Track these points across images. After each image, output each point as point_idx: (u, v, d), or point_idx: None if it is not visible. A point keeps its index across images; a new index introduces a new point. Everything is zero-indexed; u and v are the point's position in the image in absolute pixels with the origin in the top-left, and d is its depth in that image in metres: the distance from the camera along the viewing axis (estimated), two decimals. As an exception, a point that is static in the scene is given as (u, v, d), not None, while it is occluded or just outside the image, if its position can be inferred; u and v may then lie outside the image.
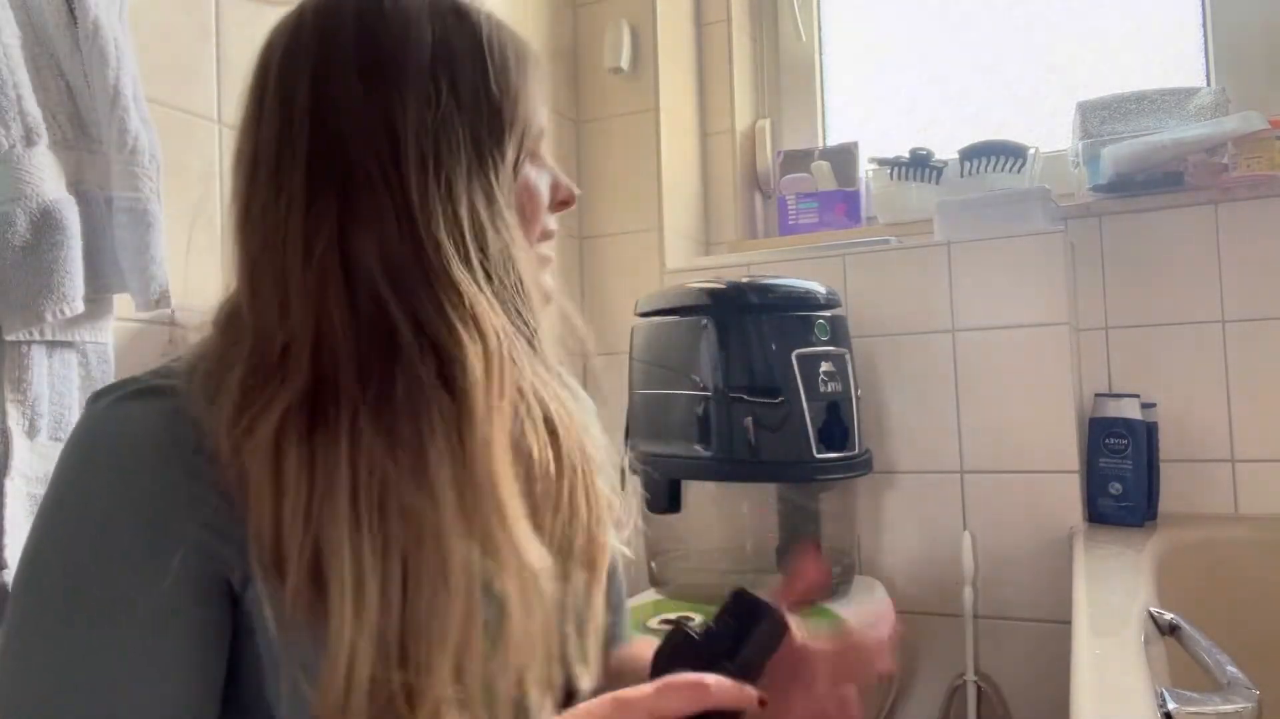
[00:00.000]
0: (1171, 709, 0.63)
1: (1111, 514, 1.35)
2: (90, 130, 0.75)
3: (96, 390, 0.51)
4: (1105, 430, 1.37)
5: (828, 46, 1.94)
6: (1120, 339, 1.50)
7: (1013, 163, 1.60)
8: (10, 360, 0.69)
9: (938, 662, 1.44)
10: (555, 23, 1.68)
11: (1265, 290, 1.42)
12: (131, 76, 0.76)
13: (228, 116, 0.97)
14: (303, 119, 0.51)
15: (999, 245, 1.41)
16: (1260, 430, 1.41)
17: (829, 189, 1.79)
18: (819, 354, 1.26)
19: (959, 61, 1.81)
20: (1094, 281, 1.52)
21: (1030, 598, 1.38)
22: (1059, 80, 1.72)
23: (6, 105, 0.67)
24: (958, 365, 1.44)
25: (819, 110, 1.93)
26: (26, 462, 0.69)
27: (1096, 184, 1.50)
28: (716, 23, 1.86)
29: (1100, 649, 0.79)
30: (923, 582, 1.45)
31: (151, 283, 0.76)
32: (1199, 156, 1.42)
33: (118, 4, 0.77)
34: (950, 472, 1.43)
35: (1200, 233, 1.46)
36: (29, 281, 0.67)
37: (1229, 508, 1.42)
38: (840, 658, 0.59)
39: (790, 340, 1.24)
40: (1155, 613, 0.90)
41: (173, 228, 0.85)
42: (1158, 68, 1.65)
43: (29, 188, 0.67)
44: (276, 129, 0.52)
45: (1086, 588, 1.01)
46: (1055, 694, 1.37)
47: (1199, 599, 1.15)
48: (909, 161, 1.67)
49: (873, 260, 1.51)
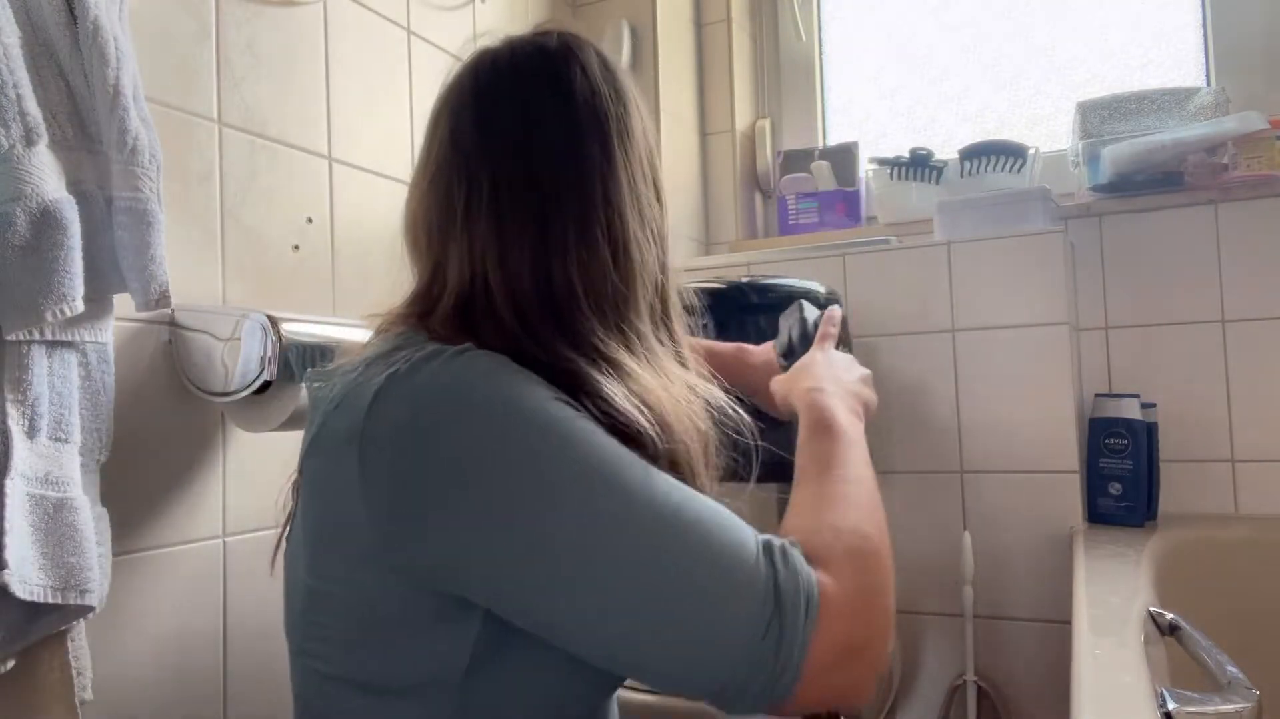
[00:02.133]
0: (1171, 709, 0.63)
1: (1111, 514, 1.35)
2: (90, 130, 0.75)
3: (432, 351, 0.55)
4: (1105, 430, 1.37)
5: (828, 46, 1.94)
6: (1120, 339, 1.50)
7: (1013, 163, 1.60)
8: (10, 360, 0.69)
9: (938, 662, 1.44)
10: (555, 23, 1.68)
11: (1265, 290, 1.42)
12: (131, 76, 0.76)
13: (228, 116, 0.97)
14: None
15: (999, 245, 1.41)
16: (1260, 430, 1.41)
17: (829, 189, 1.79)
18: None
19: (959, 61, 1.81)
20: (1094, 281, 1.52)
21: (1030, 598, 1.38)
22: (1059, 80, 1.72)
23: (6, 105, 0.67)
24: (958, 365, 1.44)
25: (819, 110, 1.93)
26: (26, 461, 0.69)
27: (1096, 184, 1.50)
28: (716, 23, 1.86)
29: (1100, 649, 0.79)
30: (923, 582, 1.45)
31: (151, 283, 0.76)
32: (1199, 156, 1.42)
33: (118, 4, 0.77)
34: (950, 471, 1.43)
35: (1200, 233, 1.46)
36: (29, 281, 0.67)
37: (1229, 508, 1.43)
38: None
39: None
40: (1155, 613, 0.90)
41: (173, 228, 0.85)
42: (1158, 68, 1.65)
43: (29, 188, 0.67)
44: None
45: (1086, 588, 1.01)
46: (1055, 694, 1.37)
47: (1199, 599, 1.15)
48: (909, 161, 1.67)
49: (873, 260, 1.51)
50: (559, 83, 0.63)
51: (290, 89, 1.06)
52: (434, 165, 0.64)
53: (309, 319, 0.89)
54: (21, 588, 0.66)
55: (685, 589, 0.49)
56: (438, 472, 0.51)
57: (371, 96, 1.19)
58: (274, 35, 1.04)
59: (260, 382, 0.84)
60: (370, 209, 1.17)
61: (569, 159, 0.61)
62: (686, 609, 0.49)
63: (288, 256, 1.04)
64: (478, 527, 0.50)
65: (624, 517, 0.50)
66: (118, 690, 0.83)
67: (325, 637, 0.58)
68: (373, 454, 0.52)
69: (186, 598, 0.90)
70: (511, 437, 0.51)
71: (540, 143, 0.62)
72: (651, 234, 0.65)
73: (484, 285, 0.60)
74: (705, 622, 0.48)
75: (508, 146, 0.62)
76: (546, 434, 0.51)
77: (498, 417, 0.51)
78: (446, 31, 1.35)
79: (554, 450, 0.51)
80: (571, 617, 0.50)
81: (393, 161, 1.22)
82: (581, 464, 0.51)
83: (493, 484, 0.50)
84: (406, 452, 0.51)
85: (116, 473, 0.81)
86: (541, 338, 0.58)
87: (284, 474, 1.01)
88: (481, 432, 0.51)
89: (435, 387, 0.52)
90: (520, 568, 0.50)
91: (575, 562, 0.49)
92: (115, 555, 0.79)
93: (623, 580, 0.49)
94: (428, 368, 0.53)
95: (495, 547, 0.50)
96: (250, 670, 0.97)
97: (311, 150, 1.08)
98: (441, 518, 0.51)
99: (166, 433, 0.89)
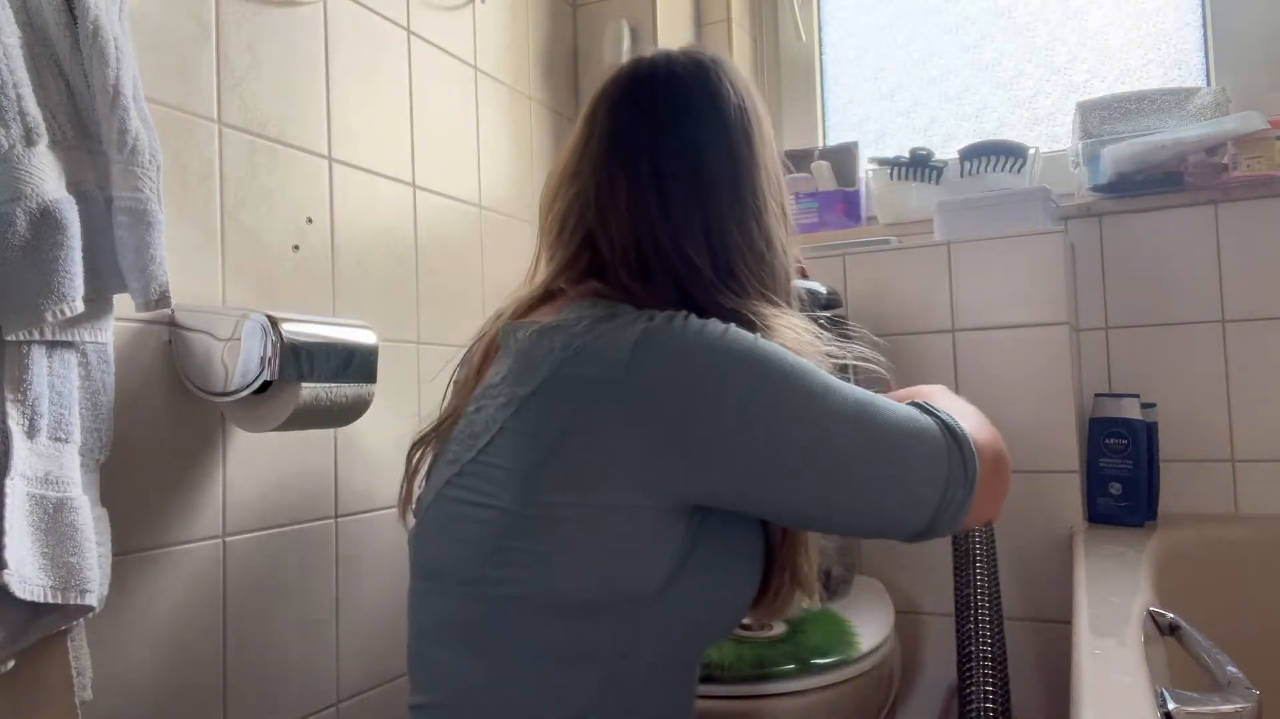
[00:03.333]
0: (1171, 709, 0.63)
1: (1111, 514, 1.35)
2: (90, 130, 0.75)
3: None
4: (1105, 430, 1.37)
5: (828, 46, 1.94)
6: (1120, 339, 1.50)
7: (1013, 163, 1.60)
8: (10, 360, 0.69)
9: (938, 662, 1.44)
10: (555, 23, 1.68)
11: (1265, 290, 1.42)
12: (131, 76, 0.76)
13: (228, 116, 0.97)
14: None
15: (999, 245, 1.41)
16: (1260, 430, 1.41)
17: (829, 189, 1.79)
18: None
19: (959, 61, 1.81)
20: (1094, 281, 1.52)
21: (1030, 598, 1.38)
22: (1059, 80, 1.72)
23: (6, 105, 0.67)
24: (958, 365, 1.44)
25: (819, 110, 1.93)
26: (26, 461, 0.69)
27: (1096, 184, 1.50)
28: (716, 23, 1.86)
29: (1100, 649, 0.79)
30: (923, 582, 1.45)
31: (151, 283, 0.76)
32: (1199, 156, 1.42)
33: (118, 4, 0.77)
34: (950, 472, 1.43)
35: (1200, 233, 1.46)
36: (29, 282, 0.67)
37: (1229, 508, 1.43)
38: None
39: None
40: (1155, 613, 0.90)
41: (173, 228, 0.85)
42: (1158, 68, 1.65)
43: (29, 188, 0.67)
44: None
45: (1086, 588, 1.01)
46: (1055, 694, 1.37)
47: (1199, 599, 1.15)
48: (909, 161, 1.67)
49: (873, 260, 1.51)
50: (714, 89, 0.74)
51: (290, 89, 1.06)
52: (590, 153, 0.74)
53: (309, 319, 0.89)
54: (21, 588, 0.66)
55: (897, 446, 0.65)
56: (704, 410, 0.62)
57: (371, 96, 1.19)
58: (274, 35, 1.04)
59: (260, 382, 0.84)
60: (370, 209, 1.17)
61: (724, 154, 0.73)
62: (902, 455, 0.65)
63: (288, 257, 1.04)
64: (745, 437, 0.62)
65: (842, 414, 0.64)
66: (118, 690, 0.83)
67: (525, 562, 0.64)
68: (643, 397, 0.62)
69: (186, 598, 0.90)
70: (755, 378, 0.63)
71: (699, 137, 0.73)
72: (786, 228, 0.77)
73: (654, 246, 0.71)
74: (918, 457, 0.66)
75: (668, 138, 0.72)
76: (783, 374, 0.64)
77: (744, 363, 0.63)
78: (446, 31, 1.35)
79: (789, 383, 0.64)
80: (816, 491, 0.64)
81: (393, 161, 1.22)
82: (808, 387, 0.64)
83: (748, 417, 0.62)
84: (676, 394, 0.62)
85: (116, 473, 0.81)
86: (712, 290, 0.71)
87: (284, 474, 1.02)
88: (736, 378, 0.63)
89: (690, 341, 0.63)
90: (779, 466, 0.63)
91: (822, 451, 0.64)
92: (115, 555, 0.79)
93: (855, 453, 0.64)
94: (676, 325, 0.64)
95: (761, 450, 0.63)
96: (250, 670, 0.97)
97: (311, 150, 1.08)
98: (708, 446, 0.62)
99: (166, 433, 0.89)
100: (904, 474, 0.66)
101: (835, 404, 0.65)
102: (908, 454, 0.66)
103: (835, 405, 0.65)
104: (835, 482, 0.64)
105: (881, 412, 0.66)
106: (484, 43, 1.44)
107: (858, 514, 0.66)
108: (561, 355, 0.65)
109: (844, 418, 0.65)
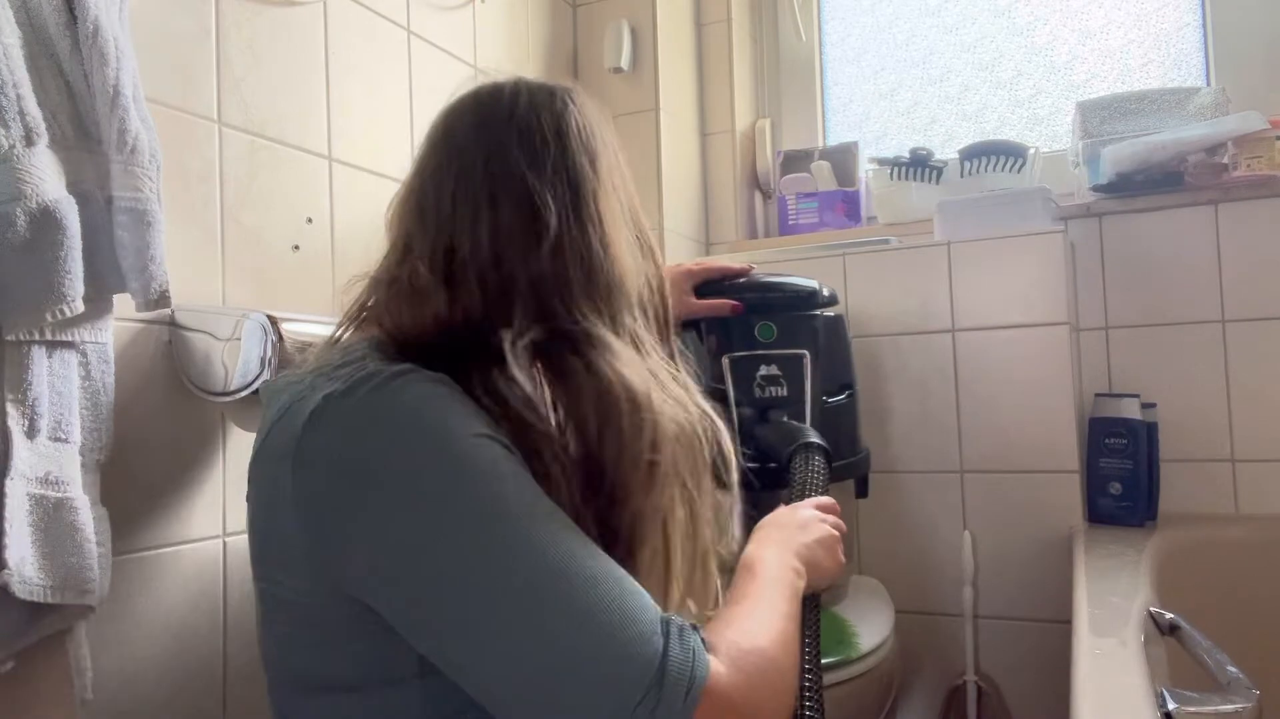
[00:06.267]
0: (1171, 709, 0.63)
1: (1111, 514, 1.35)
2: (90, 130, 0.75)
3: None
4: (1105, 430, 1.37)
5: (828, 46, 1.94)
6: (1120, 339, 1.50)
7: (1013, 163, 1.60)
8: (10, 360, 0.69)
9: (938, 662, 1.44)
10: (555, 23, 1.68)
11: (1265, 290, 1.42)
12: (131, 76, 0.76)
13: (228, 116, 0.97)
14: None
15: (999, 245, 1.41)
16: (1260, 430, 1.41)
17: (829, 189, 1.79)
18: (758, 357, 1.21)
19: (959, 61, 1.81)
20: (1094, 281, 1.52)
21: (1030, 598, 1.38)
22: (1059, 80, 1.72)
23: (6, 105, 0.67)
24: (958, 365, 1.44)
25: (819, 110, 1.93)
26: (26, 461, 0.69)
27: (1096, 184, 1.50)
28: (716, 23, 1.86)
29: (1100, 649, 0.79)
30: (923, 582, 1.45)
31: (151, 283, 0.76)
32: (1199, 156, 1.42)
33: (118, 4, 0.77)
34: (950, 472, 1.43)
35: (1200, 233, 1.46)
36: (29, 281, 0.67)
37: (1229, 508, 1.42)
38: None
39: (723, 346, 1.22)
40: (1155, 613, 0.90)
41: (173, 228, 0.85)
42: (1158, 68, 1.65)
43: (29, 188, 0.67)
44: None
45: (1086, 588, 1.01)
46: (1055, 694, 1.37)
47: (1199, 599, 1.15)
48: (909, 161, 1.67)
49: (873, 260, 1.51)
50: (560, 110, 0.69)
51: (290, 89, 1.06)
52: (429, 162, 0.68)
53: (309, 319, 0.89)
54: (21, 588, 0.66)
55: (565, 642, 0.50)
56: (360, 502, 0.53)
57: (371, 96, 1.19)
58: (274, 35, 1.04)
59: (260, 381, 0.84)
60: (370, 209, 1.17)
61: (565, 169, 0.66)
62: (564, 661, 0.49)
63: (288, 257, 1.04)
64: (389, 555, 0.52)
65: (516, 564, 0.51)
66: (118, 690, 0.84)
67: (281, 641, 0.61)
68: (304, 476, 0.55)
69: (186, 598, 0.90)
70: (425, 476, 0.53)
71: (537, 147, 0.66)
72: (642, 255, 0.70)
73: (470, 250, 0.63)
74: (583, 678, 0.49)
75: (504, 146, 0.66)
76: (460, 476, 0.53)
77: (418, 453, 0.54)
78: (446, 31, 1.35)
79: (464, 493, 0.53)
80: (455, 651, 0.52)
81: (393, 162, 1.22)
82: (488, 508, 0.53)
83: (405, 520, 0.52)
84: (334, 479, 0.54)
85: (116, 473, 0.81)
86: (514, 304, 0.62)
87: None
88: (401, 469, 0.53)
89: (365, 417, 0.55)
90: (422, 602, 0.52)
91: (468, 601, 0.51)
92: (115, 555, 0.79)
93: (507, 625, 0.50)
94: (361, 393, 0.55)
95: (402, 577, 0.52)
96: (250, 670, 0.97)
97: (311, 150, 1.08)
98: (361, 543, 0.53)
99: (166, 433, 0.89)
100: (570, 677, 0.49)
101: (520, 547, 0.51)
102: (581, 654, 0.49)
103: (519, 549, 0.51)
104: (485, 648, 0.50)
105: (588, 590, 0.51)
106: (484, 43, 1.44)
107: (512, 700, 0.51)
108: (273, 417, 0.60)
109: (528, 571, 0.51)
